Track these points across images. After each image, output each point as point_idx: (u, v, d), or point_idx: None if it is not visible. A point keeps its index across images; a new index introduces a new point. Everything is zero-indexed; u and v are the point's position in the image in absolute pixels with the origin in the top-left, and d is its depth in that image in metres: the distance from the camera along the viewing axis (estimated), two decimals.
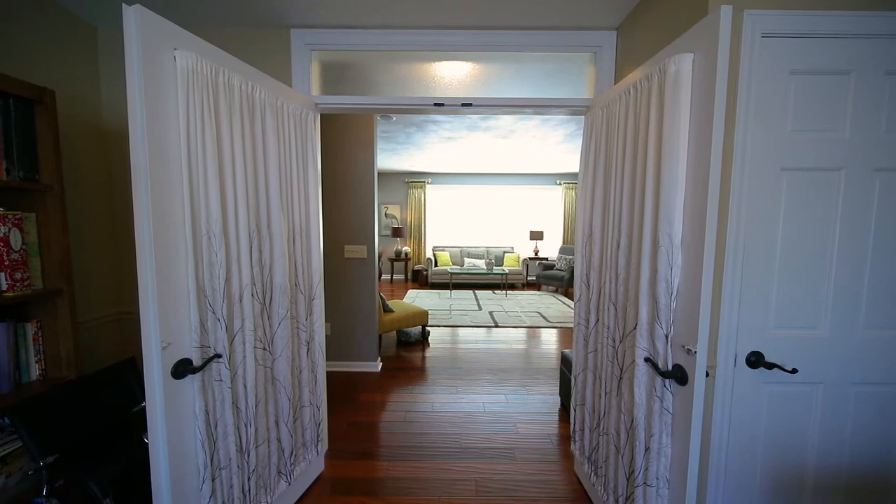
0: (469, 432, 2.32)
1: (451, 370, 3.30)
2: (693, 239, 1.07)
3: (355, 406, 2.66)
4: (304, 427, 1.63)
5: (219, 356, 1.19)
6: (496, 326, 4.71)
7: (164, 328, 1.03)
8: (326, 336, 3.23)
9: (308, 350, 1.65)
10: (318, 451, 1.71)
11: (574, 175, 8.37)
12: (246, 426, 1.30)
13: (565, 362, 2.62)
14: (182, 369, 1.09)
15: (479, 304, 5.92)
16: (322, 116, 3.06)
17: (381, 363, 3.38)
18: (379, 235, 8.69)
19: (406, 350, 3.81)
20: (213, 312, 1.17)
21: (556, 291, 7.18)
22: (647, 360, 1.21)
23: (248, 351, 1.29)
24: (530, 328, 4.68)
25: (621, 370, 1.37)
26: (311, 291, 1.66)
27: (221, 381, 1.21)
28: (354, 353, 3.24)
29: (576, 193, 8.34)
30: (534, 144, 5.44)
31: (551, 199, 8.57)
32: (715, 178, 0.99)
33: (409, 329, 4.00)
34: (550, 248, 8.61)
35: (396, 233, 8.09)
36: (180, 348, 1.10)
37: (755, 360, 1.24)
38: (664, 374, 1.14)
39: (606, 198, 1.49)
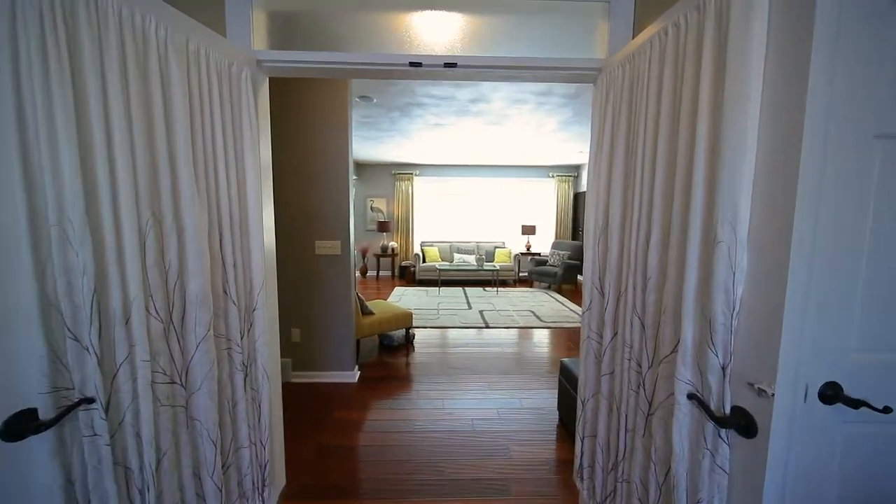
0: (456, 459, 1.99)
1: (437, 379, 2.97)
2: (768, 231, 0.74)
3: (326, 425, 2.31)
4: (243, 474, 1.28)
5: (89, 401, 0.82)
6: (487, 327, 4.40)
7: None
8: (295, 343, 2.86)
9: (247, 376, 1.29)
10: (263, 500, 1.36)
11: (568, 168, 8.08)
12: (143, 492, 0.94)
13: (564, 372, 2.31)
14: (19, 426, 0.73)
15: (468, 303, 5.59)
16: (281, 88, 2.65)
17: (358, 372, 3.03)
18: (364, 230, 8.30)
19: (389, 355, 3.47)
20: (76, 339, 0.80)
21: (548, 288, 6.91)
22: (691, 396, 0.89)
23: (142, 389, 0.92)
24: (523, 329, 4.38)
25: (650, 404, 1.05)
26: (251, 300, 1.29)
27: (96, 435, 0.84)
28: (328, 362, 2.88)
29: (569, 186, 8.06)
30: (527, 132, 5.10)
31: (544, 192, 8.27)
32: (813, 141, 0.66)
33: (392, 332, 3.65)
34: (543, 243, 8.33)
35: (383, 227, 7.70)
36: (14, 395, 0.74)
37: (832, 393, 0.92)
38: (720, 421, 0.82)
39: (629, 178, 1.16)
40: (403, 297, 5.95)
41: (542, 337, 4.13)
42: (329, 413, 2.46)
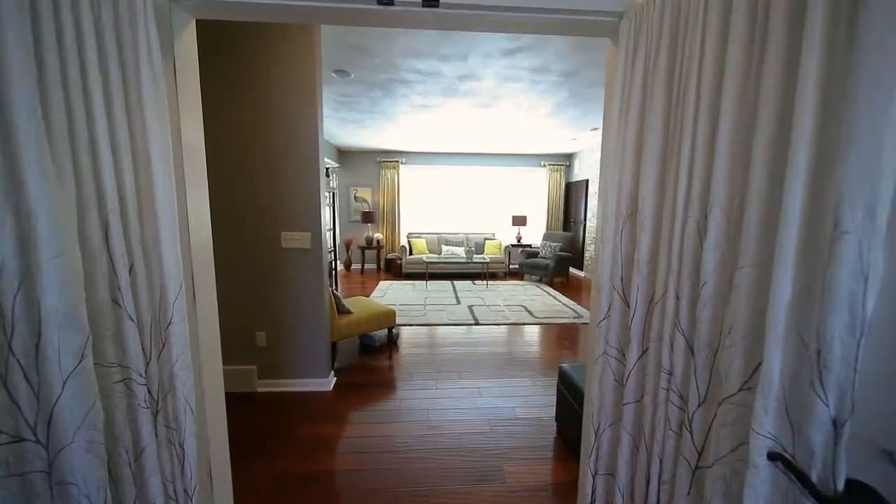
0: (442, 485, 1.72)
1: (423, 385, 2.69)
2: None
3: (291, 445, 2.00)
4: None
5: None
6: (476, 324, 4.13)
7: None
8: (261, 348, 2.53)
9: (159, 412, 0.97)
10: None
11: (560, 156, 7.81)
12: None
13: (564, 379, 2.05)
14: None
15: (457, 298, 5.32)
16: (236, 54, 2.27)
17: (334, 378, 2.72)
18: (348, 221, 7.91)
19: (370, 358, 3.17)
20: None
21: (539, 281, 6.68)
22: (775, 457, 0.61)
23: None
24: (514, 325, 4.13)
25: (699, 454, 0.77)
26: (162, 312, 0.96)
27: None
28: (299, 369, 2.56)
29: (561, 176, 7.80)
30: (519, 117, 4.78)
31: (535, 181, 8.00)
32: None
33: (374, 332, 3.35)
34: (533, 235, 8.09)
35: (367, 218, 7.32)
36: None
37: None
38: (826, 501, 0.54)
39: (669, 146, 0.86)
40: (389, 292, 5.64)
41: (534, 334, 3.88)
42: (297, 428, 2.15)
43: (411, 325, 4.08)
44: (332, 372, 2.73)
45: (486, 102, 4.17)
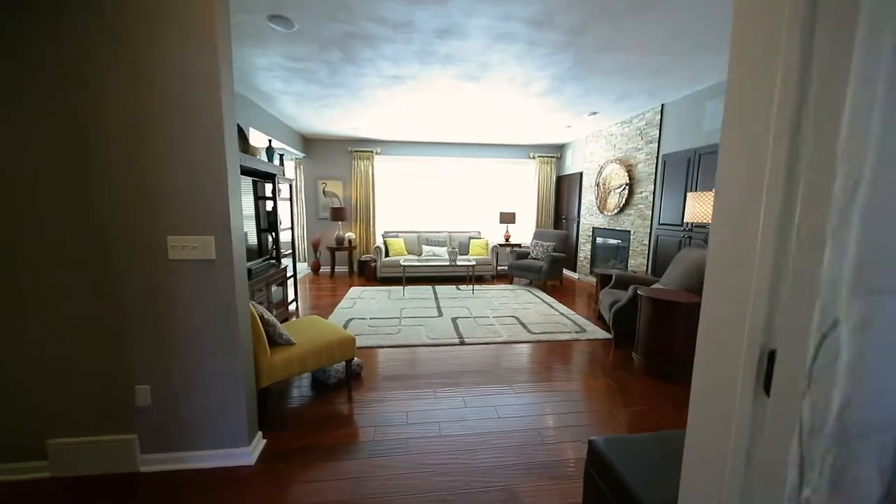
0: None
1: (388, 449, 1.94)
2: None
3: None
4: None
5: None
6: (462, 344, 3.40)
7: None
8: (143, 409, 1.70)
9: None
10: None
11: (551, 147, 7.15)
12: None
13: (596, 463, 1.34)
14: None
15: (439, 307, 4.57)
16: None
17: (262, 443, 1.93)
18: (316, 219, 7.02)
19: (320, 402, 2.38)
20: None
21: (529, 284, 6.02)
22: None
23: None
24: (507, 344, 3.42)
25: None
26: None
27: None
28: (202, 435, 1.76)
29: (551, 168, 7.15)
30: (509, 95, 4.06)
31: (524, 175, 7.33)
32: None
33: (328, 366, 2.56)
34: (523, 233, 7.43)
35: (337, 215, 6.46)
36: None
37: None
38: None
39: None
40: (359, 302, 4.83)
41: (532, 356, 3.18)
42: None
43: (382, 346, 3.31)
44: (260, 434, 1.93)
45: (472, 73, 3.42)
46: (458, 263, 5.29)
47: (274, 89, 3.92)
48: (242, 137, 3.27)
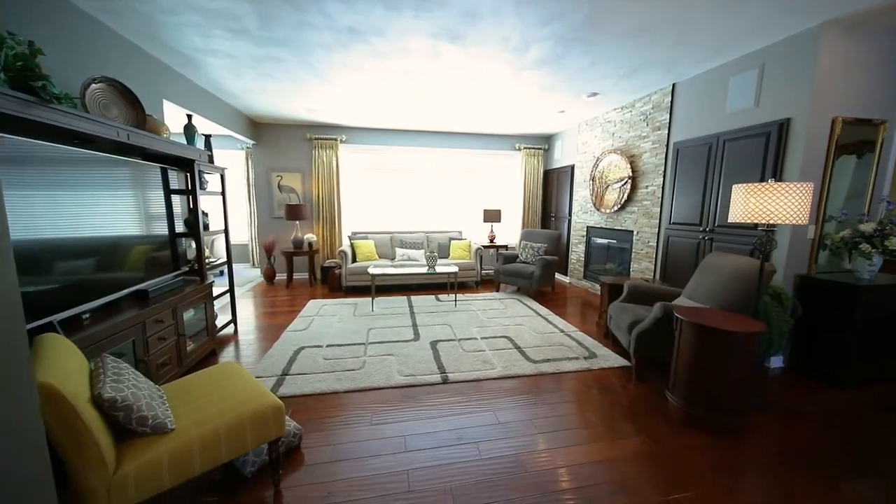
0: None
1: None
2: None
3: None
4: None
5: None
6: (445, 382, 2.61)
7: None
8: None
9: None
10: None
11: (538, 138, 6.47)
12: None
13: None
14: None
15: (415, 325, 3.76)
16: None
17: None
18: (270, 217, 6.00)
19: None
20: None
21: (518, 291, 5.32)
22: None
23: None
24: (503, 379, 2.67)
25: None
26: None
27: None
28: None
29: (538, 161, 6.48)
30: (499, 66, 3.29)
31: (509, 168, 6.62)
32: None
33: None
34: (508, 233, 6.73)
35: (295, 213, 5.49)
36: None
37: None
38: None
39: None
40: (316, 320, 3.94)
41: (539, 398, 2.44)
42: None
43: (338, 392, 2.46)
44: None
45: (454, 28, 2.62)
46: (438, 271, 4.49)
47: (192, 47, 2.95)
48: (131, 103, 2.32)
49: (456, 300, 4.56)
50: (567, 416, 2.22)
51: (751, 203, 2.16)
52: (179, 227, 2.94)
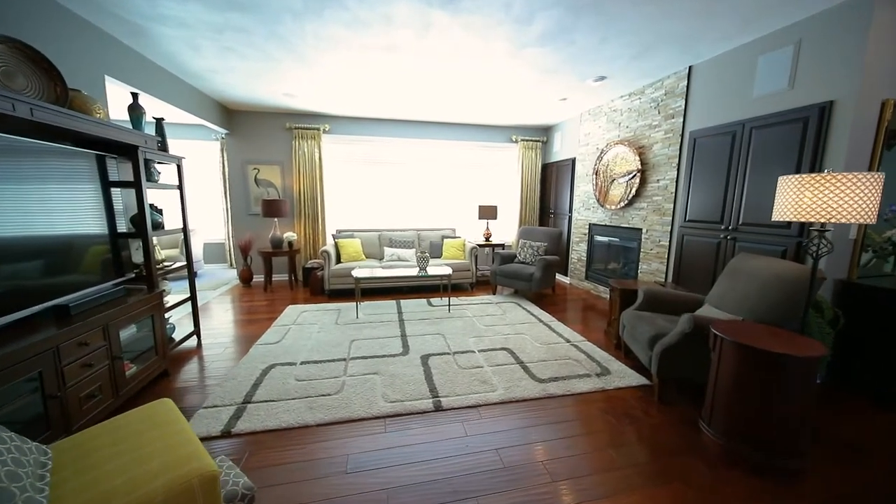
0: None
1: None
2: None
3: None
4: None
5: None
6: (438, 410, 2.22)
7: None
8: None
9: None
10: None
11: (536, 130, 6.07)
12: None
13: None
14: None
15: (404, 336, 3.36)
16: None
17: None
18: (246, 214, 5.51)
19: None
20: None
21: (515, 294, 4.95)
22: None
23: None
24: (505, 404, 2.29)
25: None
26: None
27: None
28: None
29: (536, 154, 6.09)
30: (497, 41, 2.87)
31: (505, 162, 6.22)
32: None
33: None
34: (505, 231, 6.35)
35: (273, 210, 5.02)
36: None
37: None
38: None
39: None
40: (293, 329, 3.50)
41: (550, 429, 2.06)
42: None
43: (308, 426, 2.05)
44: None
45: None
46: (430, 273, 4.09)
47: (137, 12, 2.48)
48: (47, 72, 1.86)
49: (450, 304, 4.16)
50: (584, 454, 1.84)
51: (805, 198, 1.79)
52: (124, 227, 2.48)
